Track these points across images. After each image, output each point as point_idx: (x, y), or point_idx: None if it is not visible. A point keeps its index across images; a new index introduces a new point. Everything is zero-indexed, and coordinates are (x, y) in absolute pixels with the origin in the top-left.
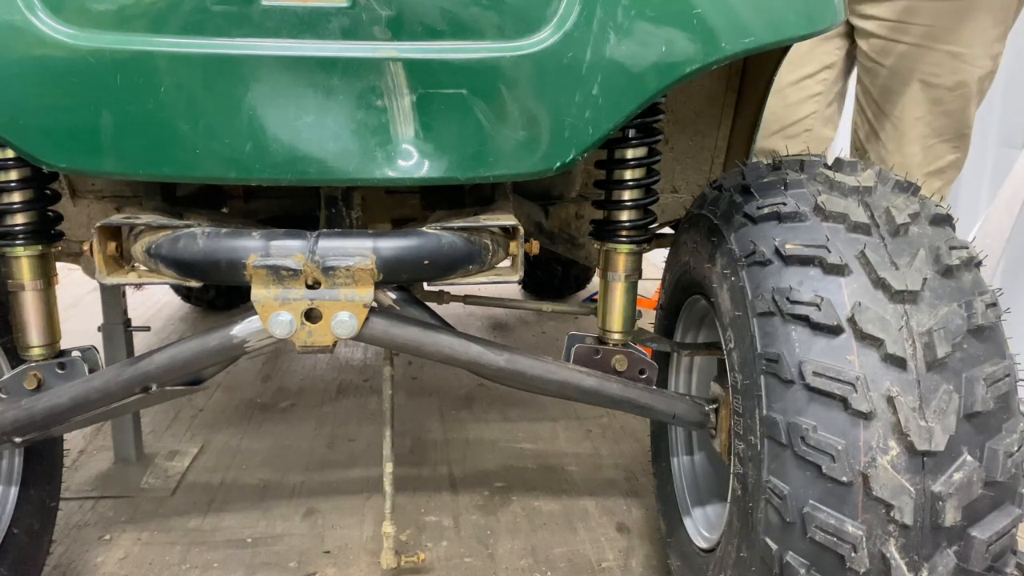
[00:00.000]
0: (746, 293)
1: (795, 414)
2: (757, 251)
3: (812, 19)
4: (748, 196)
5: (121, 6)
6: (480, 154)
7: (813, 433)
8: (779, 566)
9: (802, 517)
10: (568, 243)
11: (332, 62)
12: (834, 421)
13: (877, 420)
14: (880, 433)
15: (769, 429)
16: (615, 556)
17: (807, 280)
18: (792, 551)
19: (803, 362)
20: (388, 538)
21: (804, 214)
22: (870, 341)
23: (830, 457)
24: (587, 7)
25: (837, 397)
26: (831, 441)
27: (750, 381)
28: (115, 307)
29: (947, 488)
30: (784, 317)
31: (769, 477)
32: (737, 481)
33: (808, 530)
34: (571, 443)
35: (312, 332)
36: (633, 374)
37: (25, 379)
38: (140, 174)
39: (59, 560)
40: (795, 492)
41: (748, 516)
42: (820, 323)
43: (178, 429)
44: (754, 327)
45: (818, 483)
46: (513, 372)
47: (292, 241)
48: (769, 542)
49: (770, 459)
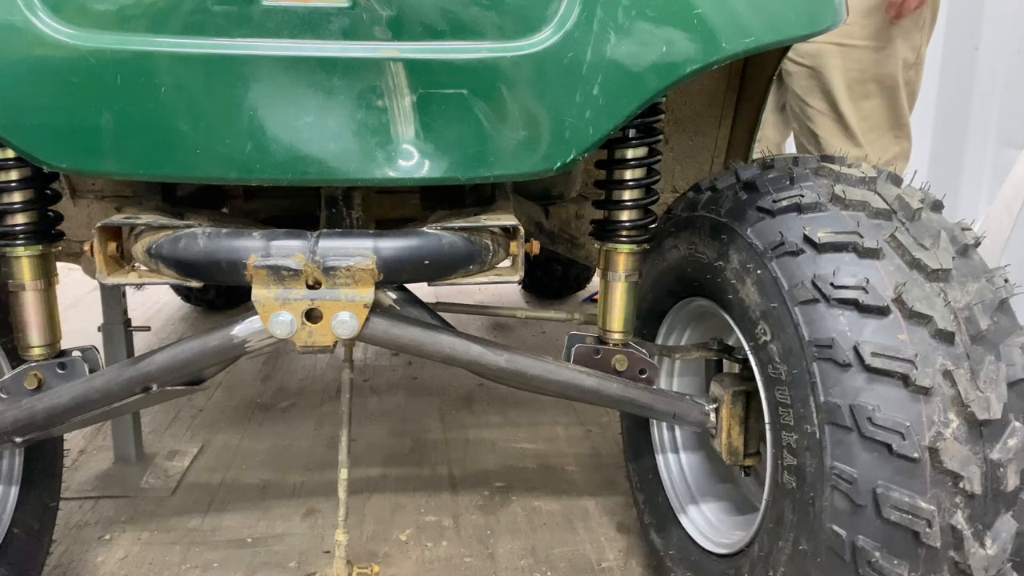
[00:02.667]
0: (780, 284)
1: (857, 396)
2: (786, 242)
3: (813, 19)
4: (758, 192)
5: (121, 6)
6: (480, 154)
7: (879, 413)
8: (850, 552)
9: (875, 499)
10: (568, 243)
11: (332, 62)
12: (897, 399)
13: (936, 395)
14: (940, 407)
15: (830, 415)
16: (615, 556)
17: (844, 266)
18: (863, 535)
19: (859, 344)
20: (340, 547)
21: (824, 204)
22: (919, 319)
23: (899, 435)
24: (587, 7)
25: (898, 375)
26: (898, 419)
27: (799, 370)
28: (115, 307)
29: (1004, 454)
30: (830, 303)
31: (834, 463)
32: (789, 473)
33: (882, 511)
34: (571, 443)
35: (312, 332)
36: (633, 374)
37: (25, 379)
38: (140, 174)
39: (59, 560)
40: (864, 474)
41: (808, 507)
42: (868, 305)
43: (178, 429)
44: (797, 316)
45: (888, 463)
46: (513, 372)
47: (293, 241)
48: (837, 529)
49: (833, 445)
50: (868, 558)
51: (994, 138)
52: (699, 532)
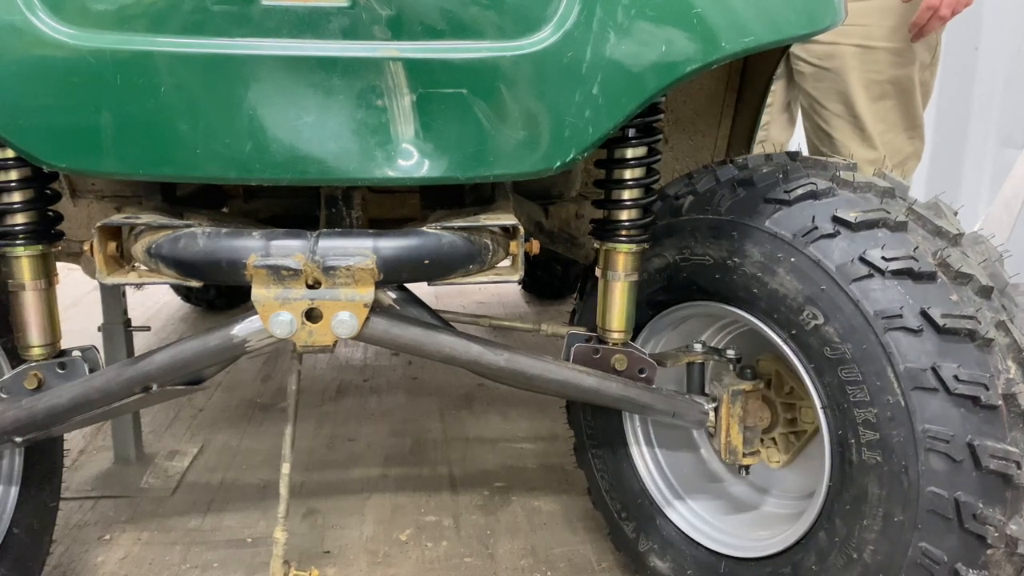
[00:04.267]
0: (824, 265)
1: (932, 360)
2: (818, 226)
3: (812, 18)
4: (759, 186)
5: (121, 6)
6: (480, 153)
7: (962, 370)
8: (954, 509)
9: (972, 452)
10: (568, 242)
11: (332, 62)
12: (970, 354)
13: (996, 345)
14: (1001, 356)
15: (913, 380)
16: (615, 556)
17: (877, 241)
18: (962, 490)
19: (927, 309)
20: (277, 545)
21: (835, 189)
22: (962, 279)
23: (983, 387)
24: (587, 7)
25: (965, 332)
26: (978, 373)
27: (868, 344)
28: (115, 307)
29: None
30: (885, 275)
31: (925, 426)
32: (870, 448)
33: (982, 461)
34: (571, 443)
35: (312, 332)
36: (633, 373)
37: (25, 379)
38: (140, 174)
39: (59, 560)
40: (957, 430)
41: (902, 476)
42: (921, 272)
43: (178, 429)
44: (854, 293)
45: (976, 415)
46: (513, 372)
47: (292, 241)
48: (937, 490)
49: (922, 408)
50: (972, 511)
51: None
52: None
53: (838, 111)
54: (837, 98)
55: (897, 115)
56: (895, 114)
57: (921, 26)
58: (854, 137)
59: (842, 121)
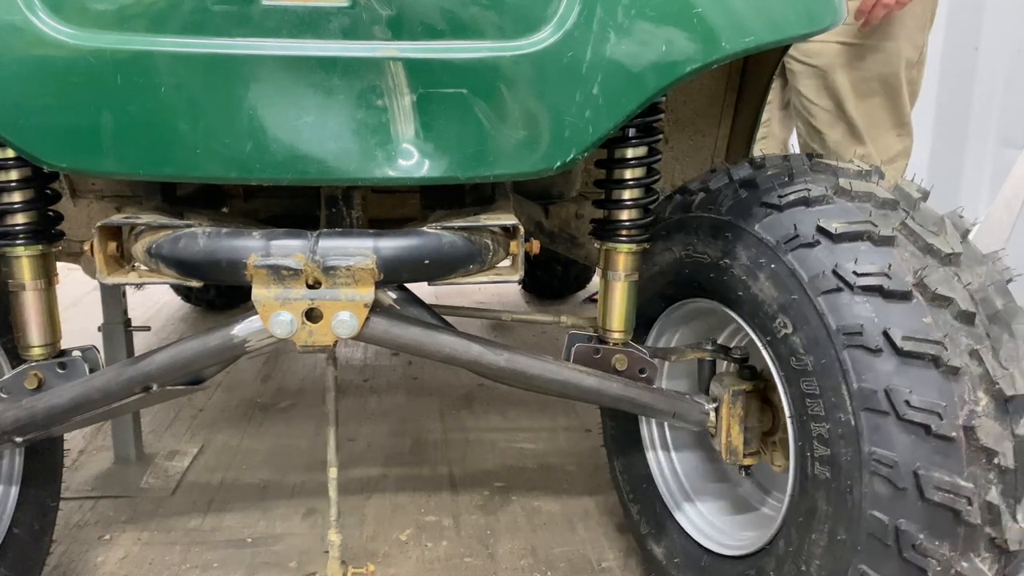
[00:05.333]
0: (799, 275)
1: (886, 382)
2: (800, 234)
3: (812, 18)
4: (759, 188)
5: (121, 6)
6: (480, 153)
7: (914, 396)
8: (893, 536)
9: (916, 481)
10: (568, 242)
11: (332, 62)
12: (930, 381)
13: (965, 374)
14: (970, 386)
15: (864, 401)
16: (615, 556)
17: (862, 254)
18: (905, 518)
19: (888, 329)
20: (333, 547)
21: (830, 197)
22: (941, 301)
23: (937, 416)
24: (587, 7)
25: (929, 357)
26: (933, 400)
27: (827, 359)
28: (115, 307)
29: None
30: (854, 290)
31: (872, 448)
32: (822, 464)
33: (924, 492)
34: (571, 443)
35: (313, 332)
36: (633, 373)
37: (26, 379)
38: (141, 174)
39: (59, 560)
40: (904, 458)
41: (846, 495)
42: (893, 290)
43: (178, 429)
44: (821, 306)
45: (926, 444)
46: (513, 372)
47: (293, 241)
48: (878, 515)
49: (870, 431)
50: (912, 541)
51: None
52: (702, 534)
53: (827, 107)
54: (827, 95)
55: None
56: (883, 112)
57: (867, 12)
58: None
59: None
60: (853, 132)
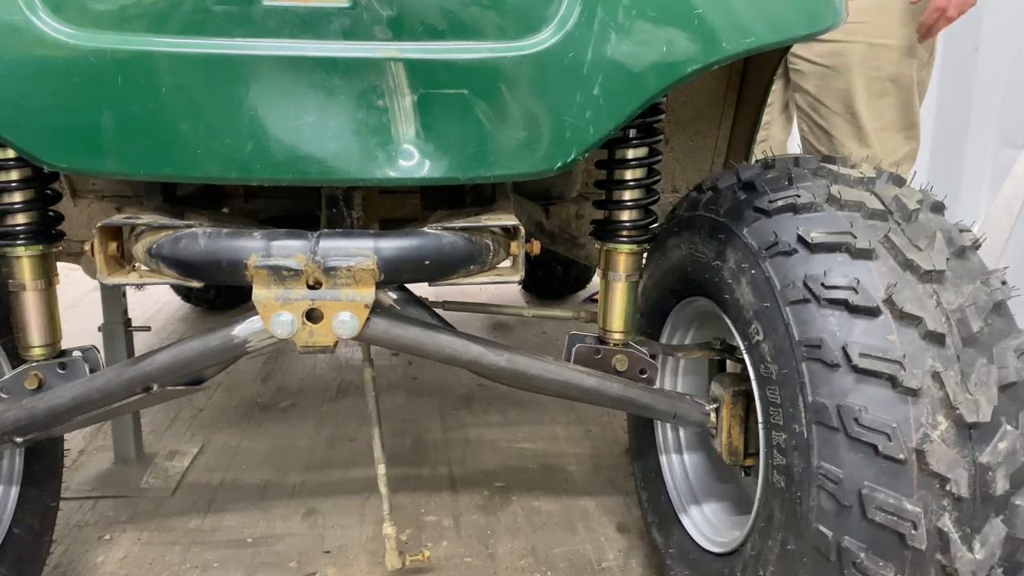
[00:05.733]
0: (773, 283)
1: (844, 397)
2: (780, 242)
3: (813, 19)
4: (756, 192)
5: (122, 6)
6: (481, 154)
7: (866, 414)
8: (836, 552)
9: (860, 500)
10: (569, 243)
11: (333, 62)
12: (884, 400)
13: (925, 396)
14: (929, 409)
15: (817, 415)
16: (615, 556)
17: (836, 266)
18: (849, 536)
19: (847, 345)
20: (390, 539)
21: (819, 204)
22: (909, 320)
23: (885, 436)
24: (588, 7)
25: (885, 376)
26: (884, 420)
27: (788, 370)
28: (115, 307)
29: (994, 458)
30: (820, 303)
31: (820, 463)
32: (778, 473)
33: (867, 512)
34: (571, 443)
35: (313, 332)
36: (634, 374)
37: (26, 379)
38: (141, 174)
39: (59, 560)
40: (850, 475)
41: (796, 507)
42: (858, 306)
43: (178, 429)
44: (788, 316)
45: (874, 464)
46: (513, 372)
47: (293, 241)
48: (823, 529)
49: (820, 445)
50: (853, 559)
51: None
52: (698, 531)
53: (837, 109)
54: (837, 96)
55: (895, 114)
56: (893, 112)
57: (929, 26)
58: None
59: (840, 119)
60: (860, 134)
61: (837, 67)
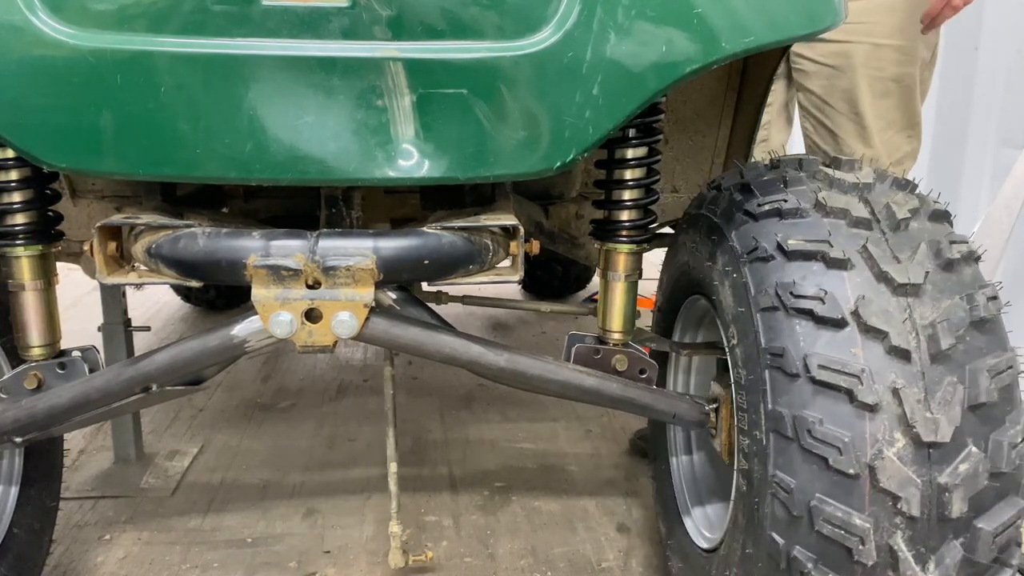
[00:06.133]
0: (749, 289)
1: (801, 407)
2: (759, 247)
3: (813, 18)
4: (748, 194)
5: (121, 6)
6: (480, 154)
7: (819, 426)
8: (786, 561)
9: (809, 511)
10: (568, 243)
11: (332, 62)
12: (840, 414)
13: (883, 412)
14: (886, 425)
15: (775, 423)
16: (615, 556)
17: (810, 275)
18: (799, 545)
19: (808, 355)
20: (395, 538)
21: (805, 210)
22: (874, 334)
23: (836, 450)
24: (587, 7)
25: (843, 390)
26: (837, 434)
27: (754, 376)
28: (115, 307)
29: (953, 479)
30: (788, 311)
31: (775, 471)
32: (742, 477)
33: (815, 523)
34: (571, 443)
35: (312, 332)
36: (633, 374)
37: (25, 379)
38: (140, 174)
39: (59, 560)
40: (802, 486)
41: (754, 512)
42: (824, 316)
43: (178, 429)
44: (757, 322)
45: (825, 476)
46: (513, 372)
47: (292, 241)
48: (776, 537)
49: (776, 453)
50: (802, 569)
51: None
52: (695, 526)
53: (842, 109)
54: (841, 95)
55: (898, 113)
56: (896, 112)
57: (933, 16)
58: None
59: (845, 119)
60: (864, 133)
61: (842, 67)
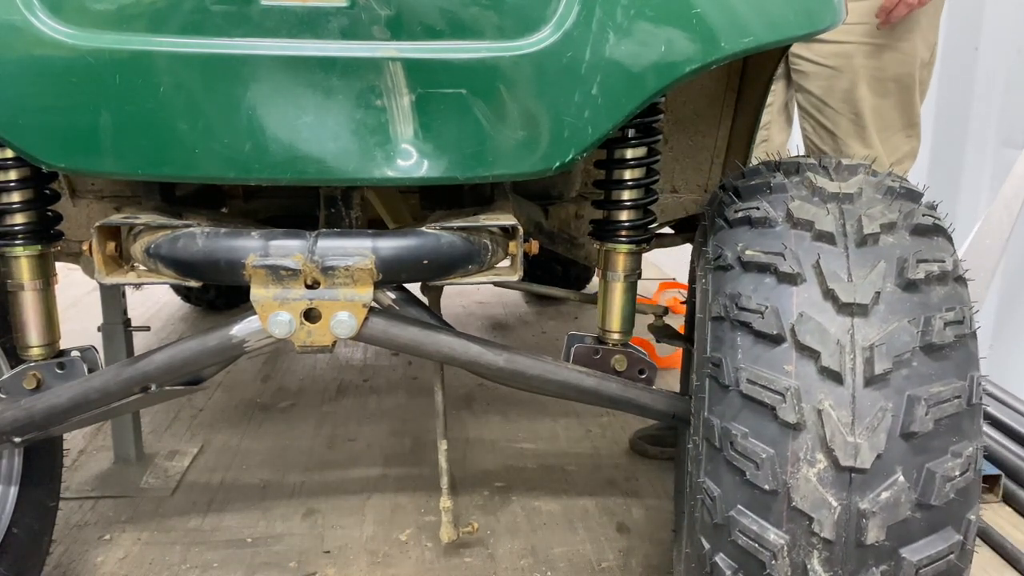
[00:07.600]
0: (707, 296)
1: (730, 419)
2: (723, 255)
3: (812, 18)
4: (732, 199)
5: (121, 6)
6: (479, 154)
7: (742, 439)
8: (710, 566)
9: (728, 520)
10: (568, 243)
11: (331, 62)
12: (764, 429)
13: (806, 432)
14: (808, 445)
15: (708, 431)
16: (615, 556)
17: (761, 287)
18: (722, 552)
19: (739, 368)
20: (447, 512)
21: (774, 220)
22: (808, 353)
23: (754, 464)
24: (586, 7)
25: (767, 406)
26: (758, 449)
27: (700, 383)
28: (115, 307)
29: (872, 506)
30: (732, 323)
31: (704, 478)
32: (689, 479)
33: (733, 533)
34: (571, 443)
35: (311, 332)
36: (633, 374)
37: (25, 379)
38: (140, 174)
39: (59, 560)
40: (724, 495)
41: (691, 514)
42: (762, 331)
43: (178, 429)
44: (707, 330)
45: (744, 489)
46: (513, 372)
47: (291, 241)
48: (703, 541)
49: (706, 460)
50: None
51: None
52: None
53: (841, 109)
54: (840, 96)
55: (897, 113)
56: (895, 112)
57: (890, 10)
58: (855, 135)
59: (844, 119)
60: (864, 133)
61: (841, 68)
